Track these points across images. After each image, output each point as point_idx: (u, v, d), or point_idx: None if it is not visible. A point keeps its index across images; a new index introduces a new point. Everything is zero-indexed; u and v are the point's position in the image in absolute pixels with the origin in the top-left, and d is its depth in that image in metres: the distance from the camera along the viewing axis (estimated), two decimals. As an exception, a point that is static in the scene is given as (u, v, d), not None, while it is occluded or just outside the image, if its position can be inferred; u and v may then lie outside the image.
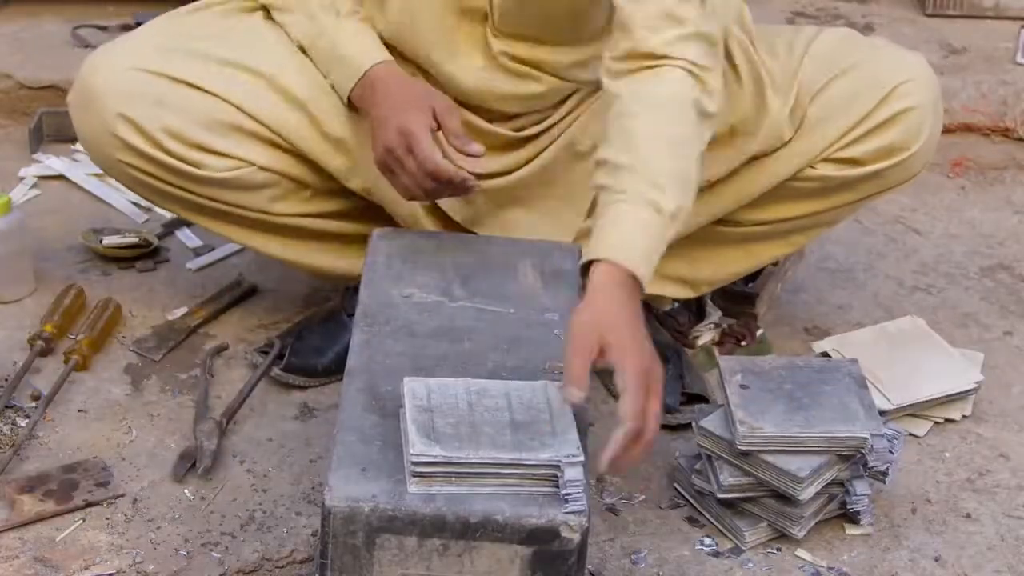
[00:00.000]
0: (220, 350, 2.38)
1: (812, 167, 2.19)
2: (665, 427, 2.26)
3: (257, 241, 2.26)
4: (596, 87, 2.08)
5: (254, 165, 2.15)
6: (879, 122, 2.17)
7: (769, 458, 1.97)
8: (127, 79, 2.11)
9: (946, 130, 3.05)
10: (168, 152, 2.12)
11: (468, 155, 1.99)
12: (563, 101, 2.18)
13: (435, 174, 1.97)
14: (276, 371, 2.29)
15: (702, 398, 2.29)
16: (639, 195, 1.81)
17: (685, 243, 2.22)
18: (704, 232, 2.26)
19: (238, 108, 2.12)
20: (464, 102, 2.13)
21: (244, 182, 2.16)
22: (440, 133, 2.00)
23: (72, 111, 2.18)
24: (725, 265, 2.32)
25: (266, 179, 2.16)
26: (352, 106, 2.10)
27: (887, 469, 2.02)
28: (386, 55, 2.09)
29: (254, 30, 2.16)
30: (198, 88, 2.11)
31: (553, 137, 2.19)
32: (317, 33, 2.11)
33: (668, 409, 2.26)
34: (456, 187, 2.00)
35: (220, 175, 2.14)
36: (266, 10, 2.18)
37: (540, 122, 2.18)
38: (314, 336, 2.32)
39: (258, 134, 2.14)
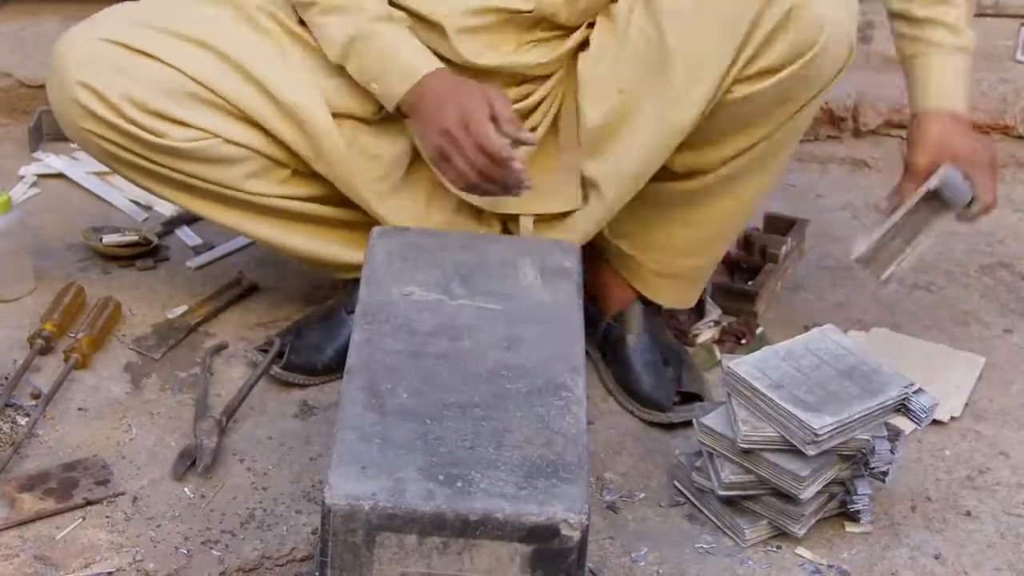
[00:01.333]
0: (220, 349, 2.37)
1: (729, 92, 2.11)
2: (659, 425, 2.27)
3: (236, 221, 2.25)
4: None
5: (219, 137, 2.14)
6: (771, 28, 2.05)
7: (770, 456, 1.97)
8: (89, 48, 2.13)
9: (946, 128, 3.07)
10: (129, 120, 2.13)
11: (522, 142, 2.04)
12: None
13: (489, 152, 2.00)
14: (276, 369, 2.29)
15: (698, 397, 2.28)
16: (947, 45, 2.23)
17: (670, 211, 2.27)
18: (677, 194, 2.24)
19: (201, 83, 2.13)
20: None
21: (210, 155, 2.15)
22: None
23: (47, 87, 2.21)
24: (719, 215, 2.28)
25: (234, 153, 2.16)
26: (400, 113, 2.11)
27: (888, 469, 2.02)
28: (441, 64, 2.10)
29: (221, 15, 2.17)
30: (161, 61, 2.12)
31: (552, 103, 2.21)
32: (368, 35, 2.09)
33: (661, 408, 2.26)
34: (509, 177, 2.03)
35: (183, 145, 2.14)
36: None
37: (545, 82, 2.19)
38: (314, 334, 2.32)
39: (223, 107, 2.14)
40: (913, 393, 1.99)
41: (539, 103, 2.22)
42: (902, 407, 2.00)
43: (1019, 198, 3.00)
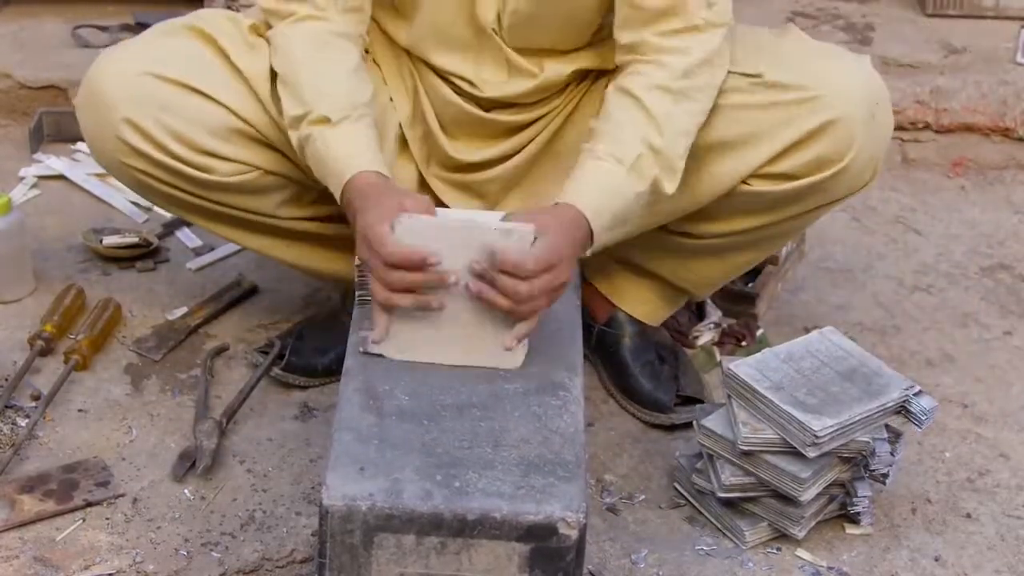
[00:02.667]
0: (220, 351, 2.37)
1: (746, 183, 2.09)
2: (660, 427, 2.26)
3: (261, 244, 2.25)
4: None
5: (260, 169, 2.12)
6: (803, 134, 2.03)
7: (771, 458, 1.97)
8: (133, 83, 2.07)
9: (946, 130, 3.09)
10: (175, 156, 2.09)
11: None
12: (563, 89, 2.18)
13: (390, 259, 1.81)
14: (276, 371, 2.29)
15: (698, 400, 2.28)
16: (604, 152, 1.96)
17: (657, 252, 2.25)
18: (668, 242, 2.22)
19: (235, 114, 2.09)
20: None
21: (252, 186, 2.13)
22: None
23: (79, 113, 2.15)
24: (702, 271, 2.28)
25: (272, 183, 2.14)
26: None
27: (888, 471, 2.02)
28: (372, 164, 1.94)
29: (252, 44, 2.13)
30: (202, 93, 2.08)
31: (549, 121, 2.18)
32: (309, 139, 1.97)
33: (662, 408, 2.26)
34: (419, 276, 1.82)
35: (228, 179, 2.11)
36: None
37: (538, 106, 2.17)
38: (314, 336, 2.31)
39: (258, 138, 2.11)
40: (914, 395, 1.99)
41: (539, 118, 2.19)
42: (902, 409, 2.00)
43: (1019, 200, 3.00)
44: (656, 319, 2.36)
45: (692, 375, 2.34)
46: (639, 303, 2.33)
